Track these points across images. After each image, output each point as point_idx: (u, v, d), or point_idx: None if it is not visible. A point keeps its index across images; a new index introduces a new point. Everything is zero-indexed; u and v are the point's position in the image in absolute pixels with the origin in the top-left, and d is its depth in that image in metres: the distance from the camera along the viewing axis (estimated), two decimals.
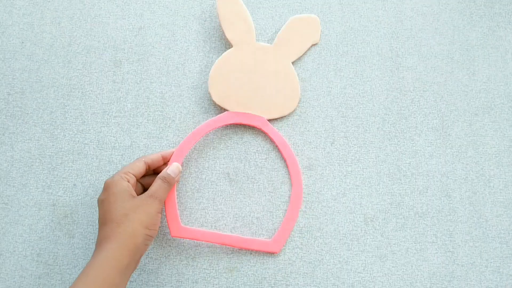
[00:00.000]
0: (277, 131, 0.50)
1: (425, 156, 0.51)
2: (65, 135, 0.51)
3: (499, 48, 0.54)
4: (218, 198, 0.50)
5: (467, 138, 0.52)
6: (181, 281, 0.47)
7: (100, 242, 0.41)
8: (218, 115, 0.49)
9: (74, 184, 0.49)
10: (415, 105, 0.52)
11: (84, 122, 0.51)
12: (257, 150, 0.51)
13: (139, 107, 0.52)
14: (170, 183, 0.45)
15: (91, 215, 0.49)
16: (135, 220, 0.41)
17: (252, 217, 0.49)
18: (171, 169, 0.46)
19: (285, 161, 0.49)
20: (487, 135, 0.52)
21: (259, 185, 0.50)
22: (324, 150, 0.51)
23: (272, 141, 0.50)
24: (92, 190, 0.49)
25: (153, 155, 0.47)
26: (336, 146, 0.51)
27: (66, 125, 0.51)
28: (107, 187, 0.43)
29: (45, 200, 0.49)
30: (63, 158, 0.50)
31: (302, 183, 0.49)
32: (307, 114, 0.52)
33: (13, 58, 0.53)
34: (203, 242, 0.48)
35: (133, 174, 0.44)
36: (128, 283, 0.46)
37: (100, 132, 0.51)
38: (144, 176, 0.47)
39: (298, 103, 0.51)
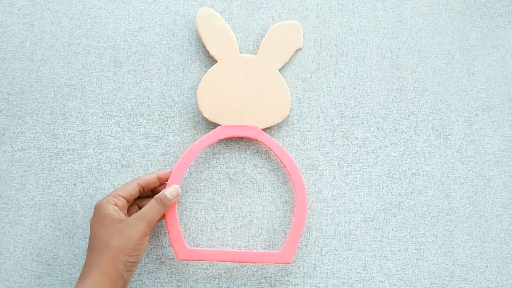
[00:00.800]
0: (272, 140, 0.49)
1: (425, 156, 0.51)
2: (65, 135, 0.51)
3: (499, 48, 0.54)
4: (218, 198, 0.50)
5: (467, 138, 0.52)
6: (181, 281, 0.47)
7: (84, 269, 0.41)
8: (212, 131, 0.49)
9: (74, 184, 0.49)
10: (415, 105, 0.52)
11: (84, 122, 0.51)
12: (255, 158, 0.51)
13: (139, 107, 0.52)
14: (165, 204, 0.44)
15: (91, 215, 0.48)
16: (115, 246, 0.40)
17: (252, 217, 0.49)
18: (169, 190, 0.45)
19: (285, 168, 0.49)
20: (487, 135, 0.52)
21: (259, 185, 0.50)
22: (324, 150, 0.51)
23: (270, 150, 0.50)
24: (92, 190, 0.49)
25: (148, 176, 0.46)
26: (336, 146, 0.51)
27: (66, 125, 0.51)
28: (95, 211, 0.43)
29: (45, 200, 0.49)
30: (63, 158, 0.50)
31: (305, 190, 0.48)
32: (307, 114, 0.52)
33: (13, 58, 0.53)
34: (211, 261, 0.47)
35: (123, 197, 0.44)
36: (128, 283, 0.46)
37: (100, 132, 0.51)
38: (141, 197, 0.47)
39: (290, 109, 0.51)
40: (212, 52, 0.51)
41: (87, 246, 0.48)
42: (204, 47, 0.53)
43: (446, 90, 0.53)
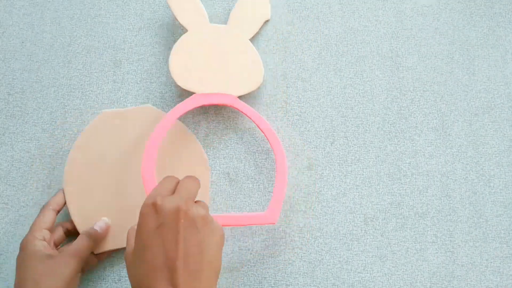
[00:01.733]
0: (249, 106, 0.49)
1: (425, 156, 0.51)
2: (65, 135, 0.51)
3: (499, 48, 0.54)
4: (218, 198, 0.50)
5: (467, 138, 0.52)
6: None
7: None
8: (187, 99, 0.48)
9: None
10: (415, 105, 0.52)
11: (84, 122, 0.51)
12: (255, 158, 0.51)
13: None
14: (95, 239, 0.43)
15: None
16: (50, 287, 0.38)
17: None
18: (99, 224, 0.44)
19: (264, 134, 0.49)
20: (487, 135, 0.52)
21: (259, 185, 0.50)
22: (324, 150, 0.51)
23: (247, 116, 0.50)
24: None
25: (57, 198, 0.45)
26: (336, 146, 0.51)
27: (66, 125, 0.51)
28: (22, 248, 0.41)
29: (45, 200, 0.49)
30: (63, 158, 0.50)
31: (283, 150, 0.48)
32: (307, 114, 0.52)
33: (13, 58, 0.53)
34: None
35: (46, 229, 0.42)
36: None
37: None
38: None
39: (263, 76, 0.51)
40: (182, 21, 0.51)
41: None
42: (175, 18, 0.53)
43: (446, 90, 0.53)
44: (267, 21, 0.54)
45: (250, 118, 0.49)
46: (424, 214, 0.49)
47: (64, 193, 0.46)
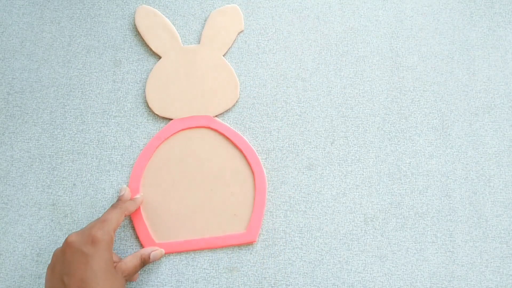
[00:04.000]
0: (225, 125, 0.50)
1: (425, 156, 0.51)
2: (65, 134, 0.51)
3: (499, 48, 0.54)
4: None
5: (467, 138, 0.52)
6: (181, 281, 0.47)
7: None
8: (165, 126, 0.50)
9: (74, 184, 0.49)
10: (415, 105, 0.52)
11: (84, 121, 0.51)
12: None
13: (139, 107, 0.52)
14: (143, 264, 0.44)
15: (91, 214, 0.48)
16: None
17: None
18: (155, 254, 0.45)
19: (241, 152, 0.49)
20: (487, 135, 0.52)
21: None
22: (324, 150, 0.51)
23: (223, 136, 0.50)
24: (92, 190, 0.49)
25: (130, 203, 0.46)
26: (336, 146, 0.51)
27: (66, 125, 0.51)
28: (95, 243, 0.39)
29: (45, 199, 0.49)
30: (63, 158, 0.50)
31: (263, 169, 0.49)
32: (307, 114, 0.52)
33: (12, 57, 0.53)
34: (181, 252, 0.47)
35: (115, 230, 0.42)
36: (128, 283, 0.46)
37: (100, 132, 0.51)
38: None
39: (239, 92, 0.51)
40: (155, 48, 0.52)
41: None
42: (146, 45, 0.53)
43: (446, 90, 0.53)
44: (240, 32, 0.54)
45: (228, 138, 0.49)
46: (424, 214, 0.49)
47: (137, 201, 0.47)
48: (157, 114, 0.50)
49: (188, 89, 0.51)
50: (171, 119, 0.50)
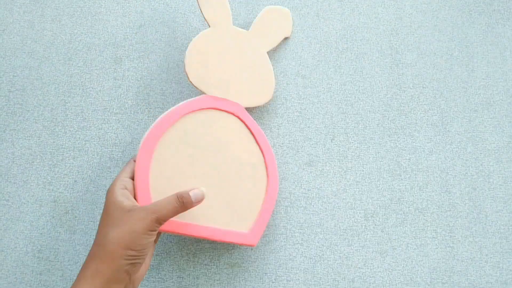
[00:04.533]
0: (253, 120, 0.48)
1: (424, 152, 0.51)
2: (66, 132, 0.51)
3: (498, 45, 0.55)
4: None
5: (466, 134, 0.52)
6: (183, 277, 0.47)
7: (84, 264, 0.37)
8: (195, 98, 0.46)
9: (75, 181, 0.49)
10: (414, 102, 0.53)
11: (85, 119, 0.51)
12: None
13: (139, 104, 0.52)
14: (185, 206, 0.40)
15: (92, 211, 0.49)
16: (114, 239, 0.36)
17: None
18: (195, 192, 0.41)
19: (261, 151, 0.48)
20: (487, 131, 0.52)
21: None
22: (324, 147, 0.51)
23: (249, 130, 0.48)
24: (93, 187, 0.49)
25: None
26: (336, 143, 0.51)
27: (67, 122, 0.51)
28: (106, 198, 0.39)
29: (46, 196, 0.49)
30: (64, 155, 0.50)
31: (277, 174, 0.48)
32: (307, 111, 0.52)
33: (14, 55, 0.53)
34: (181, 234, 0.44)
35: (130, 178, 0.41)
36: None
37: (101, 129, 0.51)
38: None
39: (273, 94, 0.51)
40: (207, 15, 0.49)
41: (88, 242, 0.48)
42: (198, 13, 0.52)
43: (446, 86, 0.53)
44: (286, 38, 0.54)
45: (253, 134, 0.48)
46: (424, 209, 0.49)
47: (134, 186, 0.42)
48: (191, 82, 0.47)
49: (227, 70, 0.48)
50: (203, 94, 0.47)
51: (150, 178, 0.43)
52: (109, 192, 0.39)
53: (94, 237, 0.47)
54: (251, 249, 0.48)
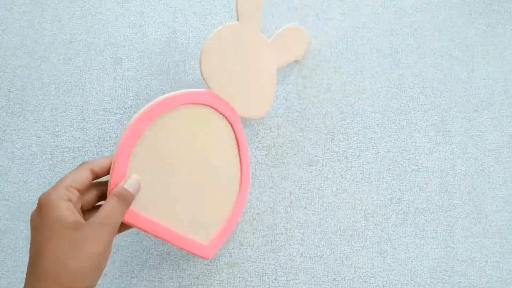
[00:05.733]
0: (243, 133, 0.46)
1: (424, 152, 0.51)
2: (66, 132, 0.51)
3: (498, 45, 0.55)
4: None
5: (466, 134, 0.52)
6: (182, 277, 0.47)
7: None
8: (198, 91, 0.43)
9: None
10: (414, 102, 0.53)
11: (85, 119, 0.51)
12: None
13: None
14: (127, 201, 0.35)
15: None
16: (77, 270, 0.30)
17: (252, 213, 0.49)
18: (129, 182, 0.35)
19: (240, 165, 0.46)
20: (487, 131, 0.52)
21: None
22: (324, 147, 0.51)
23: (236, 141, 0.46)
24: None
25: (101, 160, 0.36)
26: (336, 142, 0.51)
27: (66, 122, 0.51)
28: (42, 207, 0.32)
29: None
30: (64, 155, 0.50)
31: (247, 193, 0.46)
32: (307, 111, 0.52)
33: (13, 55, 0.53)
34: (142, 230, 0.39)
35: (76, 188, 0.33)
36: (129, 278, 0.46)
37: (101, 129, 0.51)
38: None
39: (268, 111, 0.50)
40: (241, 7, 0.44)
41: None
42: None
43: (446, 86, 0.53)
44: (296, 61, 0.53)
45: (238, 146, 0.46)
46: (424, 209, 0.49)
47: (113, 161, 0.36)
48: (201, 73, 0.43)
49: (240, 74, 0.46)
50: (208, 88, 0.44)
51: (130, 160, 0.38)
52: (49, 203, 0.31)
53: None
54: (251, 248, 0.48)
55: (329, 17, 0.55)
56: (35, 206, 0.48)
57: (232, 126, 0.45)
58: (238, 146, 0.46)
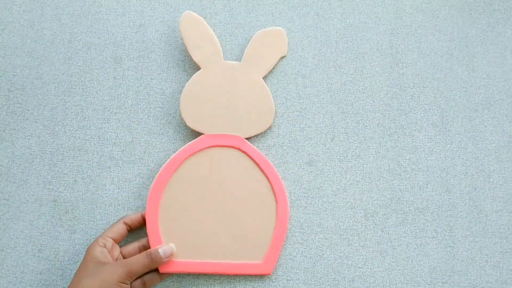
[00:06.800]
0: (256, 149, 0.49)
1: (425, 152, 0.51)
2: (66, 131, 0.51)
3: (498, 45, 0.55)
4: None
5: (466, 134, 0.52)
6: (183, 276, 0.47)
7: None
8: (194, 140, 0.48)
9: (75, 180, 0.49)
10: (414, 101, 0.53)
11: (85, 118, 0.51)
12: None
13: (139, 103, 0.52)
14: (154, 261, 0.43)
15: (92, 211, 0.49)
16: (85, 286, 0.39)
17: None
18: (164, 248, 0.44)
19: (267, 178, 0.48)
20: (487, 131, 0.52)
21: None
22: (325, 146, 0.51)
23: (252, 160, 0.48)
24: (93, 186, 0.49)
25: (133, 215, 0.46)
26: (336, 142, 0.51)
27: (66, 121, 0.51)
28: (85, 253, 0.43)
29: (46, 196, 0.49)
30: (64, 154, 0.50)
31: (287, 200, 0.48)
32: (308, 111, 0.52)
33: (13, 54, 0.53)
34: (192, 273, 0.46)
35: (111, 238, 0.43)
36: None
37: (101, 128, 0.51)
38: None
39: (274, 118, 0.50)
40: (196, 58, 0.50)
41: (88, 242, 0.48)
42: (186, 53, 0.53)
43: (446, 86, 0.53)
44: (283, 57, 0.53)
45: (256, 163, 0.48)
46: (424, 209, 0.49)
47: (143, 215, 0.46)
48: (188, 126, 0.49)
49: (223, 106, 0.49)
50: (202, 134, 0.49)
51: (159, 223, 0.46)
52: (89, 248, 0.42)
53: (94, 238, 0.47)
54: None
55: (329, 16, 0.55)
56: (35, 205, 0.48)
57: (241, 150, 0.49)
58: (256, 163, 0.48)
